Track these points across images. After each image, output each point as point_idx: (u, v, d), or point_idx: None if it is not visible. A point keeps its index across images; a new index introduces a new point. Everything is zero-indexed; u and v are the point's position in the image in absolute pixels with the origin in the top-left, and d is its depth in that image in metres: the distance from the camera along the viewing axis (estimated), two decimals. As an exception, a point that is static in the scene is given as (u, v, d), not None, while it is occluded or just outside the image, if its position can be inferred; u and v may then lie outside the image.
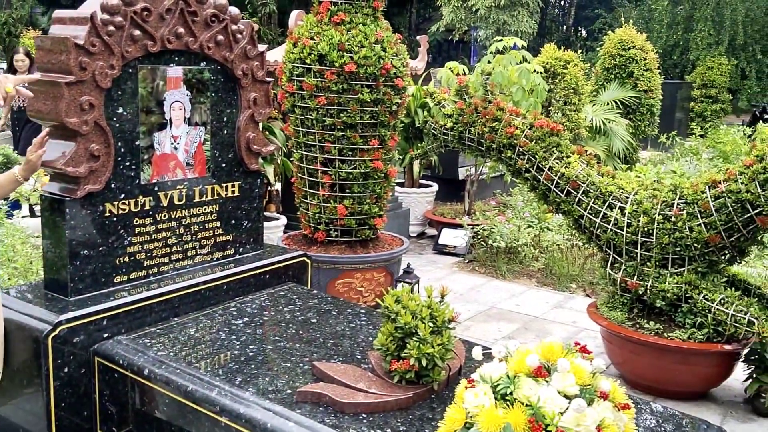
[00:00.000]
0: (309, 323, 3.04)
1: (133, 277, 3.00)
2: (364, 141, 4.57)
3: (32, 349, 2.61)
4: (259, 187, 3.59)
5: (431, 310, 2.50)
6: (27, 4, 25.06)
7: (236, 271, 3.31)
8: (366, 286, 4.72)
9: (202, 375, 2.47)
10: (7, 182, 2.61)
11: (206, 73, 3.21)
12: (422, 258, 6.70)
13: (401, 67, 4.61)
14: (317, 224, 4.77)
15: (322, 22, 4.55)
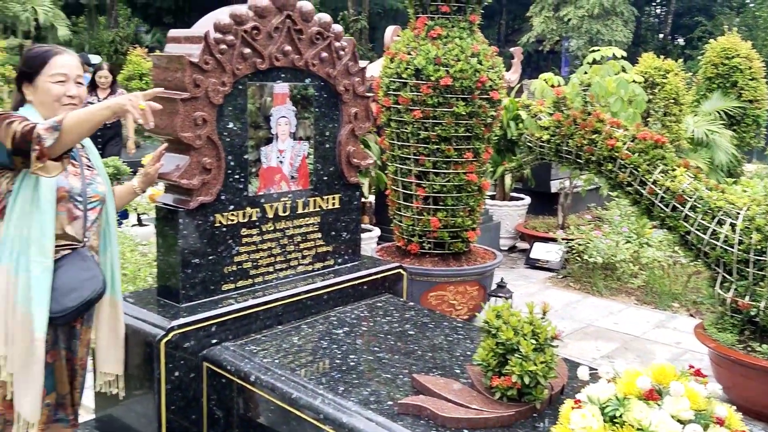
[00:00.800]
0: (407, 335, 3.06)
1: (240, 286, 3.11)
2: (459, 154, 4.57)
3: (146, 353, 2.74)
4: (358, 200, 3.65)
5: (533, 327, 2.46)
6: (132, 24, 26.47)
7: (336, 281, 3.37)
8: (459, 299, 4.71)
9: (306, 383, 2.53)
10: (126, 193, 2.77)
11: (310, 89, 3.30)
12: (514, 272, 6.62)
13: (497, 80, 4.59)
14: (411, 236, 4.80)
15: (418, 37, 4.60)
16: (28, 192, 2.26)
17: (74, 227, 2.39)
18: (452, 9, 4.54)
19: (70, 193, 2.37)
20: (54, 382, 2.40)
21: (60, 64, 2.36)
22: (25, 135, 2.14)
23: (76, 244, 2.40)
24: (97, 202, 2.48)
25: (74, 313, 2.34)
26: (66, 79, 2.36)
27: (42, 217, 2.26)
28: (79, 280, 2.34)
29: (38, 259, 2.25)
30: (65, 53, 2.40)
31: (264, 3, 2.99)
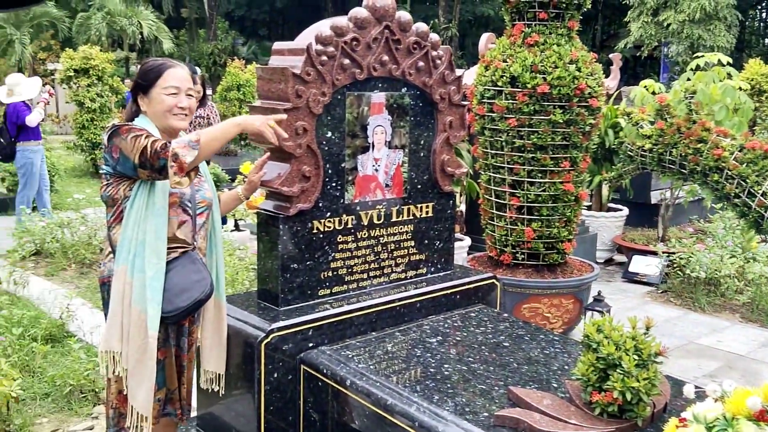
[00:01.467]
0: (501, 347, 3.03)
1: (335, 291, 3.16)
2: (555, 163, 4.49)
3: (246, 354, 2.82)
4: (452, 209, 3.64)
5: (636, 342, 2.39)
6: (230, 36, 27.48)
7: (430, 289, 3.37)
8: (553, 312, 4.61)
9: (401, 390, 2.54)
10: (231, 200, 2.89)
11: (407, 98, 3.32)
12: (611, 286, 6.42)
13: (596, 87, 4.49)
14: (503, 246, 4.74)
15: (515, 45, 4.55)
16: (143, 198, 2.39)
17: (184, 231, 2.51)
18: (550, 15, 4.47)
19: (181, 199, 2.49)
20: (164, 377, 2.52)
21: (172, 76, 2.48)
22: (158, 152, 2.27)
23: (186, 247, 2.51)
24: (205, 207, 2.60)
25: (185, 313, 2.46)
26: (178, 91, 2.48)
27: (156, 221, 2.38)
28: (190, 282, 2.45)
29: (152, 261, 2.37)
30: (177, 66, 2.53)
31: (364, 14, 3.04)
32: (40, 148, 7.79)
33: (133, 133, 2.32)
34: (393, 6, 3.14)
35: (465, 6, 25.56)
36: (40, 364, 4.12)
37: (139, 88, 2.52)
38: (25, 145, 7.59)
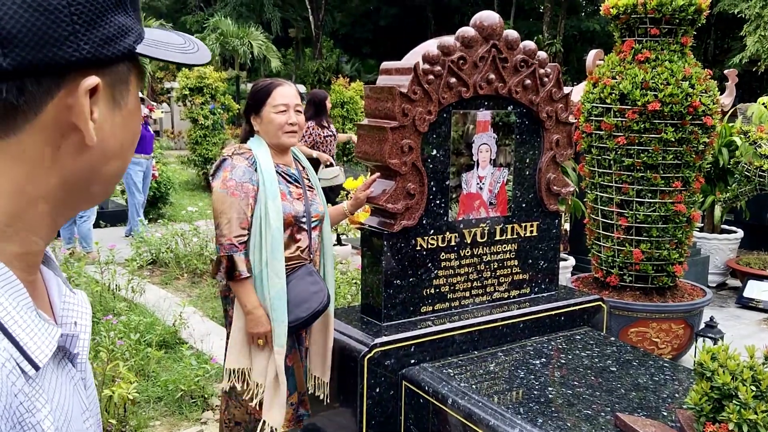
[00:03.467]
0: (608, 371, 2.94)
1: (438, 309, 3.17)
2: (666, 182, 4.33)
3: (349, 368, 2.88)
4: (557, 228, 3.58)
5: (753, 372, 2.27)
6: (334, 54, 28.16)
7: (533, 310, 3.33)
8: (662, 337, 4.43)
9: (504, 411, 2.51)
10: (338, 214, 2.97)
11: (512, 116, 3.31)
12: (723, 311, 6.10)
13: (711, 105, 4.31)
14: (610, 268, 4.61)
15: (624, 61, 4.44)
16: (259, 220, 2.51)
17: (301, 246, 2.61)
18: (662, 31, 4.34)
19: (296, 217, 2.59)
20: (295, 382, 2.64)
21: (281, 94, 2.59)
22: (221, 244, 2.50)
23: (303, 261, 2.62)
24: (318, 221, 2.69)
25: (304, 323, 2.56)
26: (287, 108, 2.59)
27: (273, 242, 2.49)
28: (309, 293, 2.55)
29: (274, 281, 2.50)
30: (285, 84, 2.63)
31: (471, 33, 3.06)
32: (142, 161, 8.12)
33: (223, 203, 2.49)
34: (500, 24, 3.14)
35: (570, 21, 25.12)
36: (153, 368, 4.34)
37: (250, 109, 2.65)
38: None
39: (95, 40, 0.61)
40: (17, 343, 0.60)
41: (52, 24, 0.58)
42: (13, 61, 0.57)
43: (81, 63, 0.61)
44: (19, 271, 0.64)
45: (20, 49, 0.57)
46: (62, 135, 0.63)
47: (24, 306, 0.62)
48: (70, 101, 0.61)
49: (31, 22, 0.57)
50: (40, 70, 0.59)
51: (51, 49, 0.58)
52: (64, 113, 0.62)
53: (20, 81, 0.58)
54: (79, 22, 0.60)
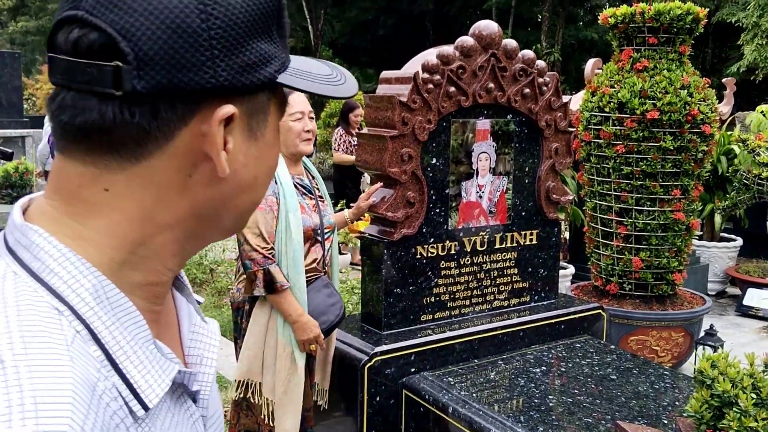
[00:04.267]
0: (609, 379, 2.94)
1: (438, 317, 3.17)
2: (665, 190, 4.34)
3: (350, 376, 2.88)
4: (556, 236, 3.59)
5: (754, 380, 2.27)
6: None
7: (533, 318, 3.33)
8: (662, 345, 4.43)
9: (504, 419, 2.51)
10: (339, 222, 2.97)
11: (512, 125, 3.32)
12: (723, 319, 6.10)
13: (709, 113, 4.32)
14: (609, 276, 4.61)
15: (623, 70, 4.46)
16: (282, 234, 2.51)
17: (316, 257, 2.62)
18: (660, 40, 4.36)
19: (314, 230, 2.60)
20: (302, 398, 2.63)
21: (296, 101, 2.60)
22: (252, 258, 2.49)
23: (319, 273, 2.62)
24: (330, 232, 2.70)
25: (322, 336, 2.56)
26: (302, 116, 2.60)
27: (295, 256, 2.49)
28: (326, 306, 2.55)
29: (296, 295, 2.49)
30: (296, 92, 2.64)
31: (470, 43, 3.08)
32: None
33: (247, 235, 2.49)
34: (499, 34, 3.16)
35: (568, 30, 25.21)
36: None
37: None
38: None
39: (234, 67, 0.58)
40: (127, 379, 0.57)
41: (190, 47, 0.56)
42: (147, 84, 0.55)
43: (217, 90, 0.58)
44: (142, 301, 0.61)
45: (155, 71, 0.55)
46: (194, 163, 0.60)
47: (140, 339, 0.60)
48: (204, 129, 0.59)
49: (168, 44, 0.55)
50: (175, 94, 0.57)
51: (187, 74, 0.56)
52: (198, 141, 0.59)
53: (154, 105, 0.56)
54: (218, 47, 0.57)
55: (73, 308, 0.56)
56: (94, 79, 0.55)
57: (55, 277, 0.57)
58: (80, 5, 0.56)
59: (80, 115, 0.56)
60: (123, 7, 0.55)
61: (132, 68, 0.55)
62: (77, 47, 0.56)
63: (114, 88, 0.55)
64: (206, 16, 0.56)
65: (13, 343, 0.51)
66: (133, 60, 0.55)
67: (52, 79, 0.59)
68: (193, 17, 0.56)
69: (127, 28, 0.55)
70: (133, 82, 0.55)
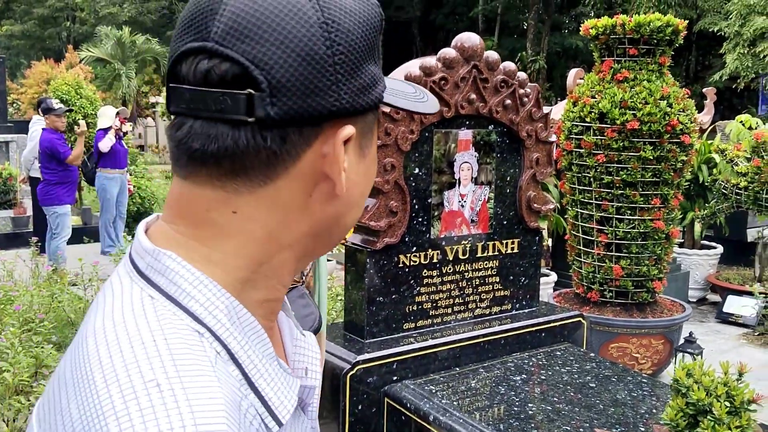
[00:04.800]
0: (588, 387, 2.98)
1: (420, 325, 3.20)
2: (645, 200, 4.41)
3: (333, 385, 2.90)
4: (538, 245, 3.63)
5: (728, 388, 2.32)
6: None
7: (514, 326, 3.37)
8: (642, 352, 4.49)
9: (484, 427, 2.54)
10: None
11: (493, 135, 3.37)
12: (703, 326, 6.18)
13: (688, 123, 4.39)
14: (591, 284, 4.67)
15: (604, 80, 4.53)
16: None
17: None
18: (640, 51, 4.43)
19: None
20: None
21: None
22: None
23: (296, 283, 2.63)
24: None
25: None
26: None
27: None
28: (300, 317, 2.56)
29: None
30: None
31: (452, 54, 3.12)
32: (116, 176, 8.14)
33: None
34: (481, 46, 3.20)
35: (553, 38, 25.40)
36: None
37: None
38: (102, 171, 8.07)
39: (353, 90, 0.61)
40: (262, 397, 0.59)
41: (318, 74, 0.58)
42: (280, 110, 0.57)
43: (340, 113, 0.61)
44: (261, 318, 0.63)
45: (287, 98, 0.58)
46: (315, 183, 0.62)
47: (267, 356, 0.62)
48: (325, 150, 0.61)
49: (299, 71, 0.58)
50: (304, 119, 0.59)
51: (315, 99, 0.59)
52: (319, 162, 0.62)
53: (283, 129, 0.59)
54: (341, 72, 0.60)
55: (212, 330, 0.58)
56: (227, 107, 0.57)
57: (192, 300, 0.59)
58: (209, 37, 0.58)
59: (214, 142, 0.58)
60: (255, 38, 0.57)
61: (266, 95, 0.57)
62: (208, 77, 0.58)
63: (247, 115, 0.57)
64: (330, 43, 0.59)
65: (165, 366, 0.52)
66: (267, 88, 0.57)
67: (173, 108, 0.60)
68: (320, 45, 0.59)
69: (260, 58, 0.57)
70: (267, 109, 0.57)
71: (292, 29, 0.58)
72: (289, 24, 0.58)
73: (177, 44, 0.61)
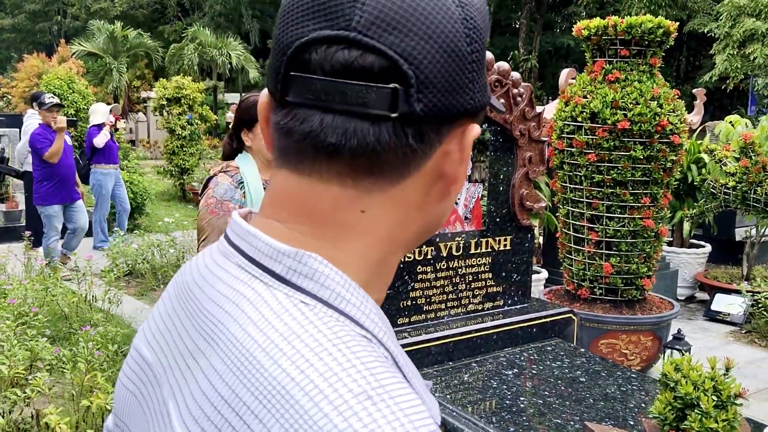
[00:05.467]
0: (578, 382, 3.04)
1: (414, 320, 3.25)
2: (635, 198, 4.47)
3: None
4: (530, 242, 3.69)
5: (715, 383, 2.38)
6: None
7: (506, 322, 3.42)
8: (631, 348, 4.56)
9: (477, 420, 2.60)
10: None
11: (487, 133, 3.42)
12: (692, 324, 6.26)
13: (678, 124, 4.46)
14: (581, 281, 4.73)
15: (595, 81, 4.58)
16: None
17: None
18: (632, 52, 4.49)
19: None
20: None
21: None
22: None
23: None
24: None
25: None
26: None
27: None
28: None
29: None
30: None
31: (447, 54, 3.17)
32: (111, 171, 8.18)
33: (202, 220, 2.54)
34: (476, 46, 3.25)
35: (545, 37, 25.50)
36: (131, 378, 4.35)
37: (243, 124, 2.65)
38: (97, 167, 8.07)
39: (481, 87, 0.60)
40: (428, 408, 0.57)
41: (459, 70, 0.57)
42: (425, 106, 0.55)
43: (471, 111, 0.59)
44: None
45: (432, 94, 0.55)
46: (433, 182, 0.61)
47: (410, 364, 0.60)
48: (449, 148, 0.60)
49: (444, 67, 0.56)
50: (443, 116, 0.57)
51: (455, 96, 0.57)
52: (440, 160, 0.60)
53: (420, 127, 0.56)
54: (475, 69, 0.59)
55: (374, 335, 0.56)
56: (370, 101, 0.54)
57: (349, 305, 0.56)
58: (350, 26, 0.54)
59: (353, 137, 0.55)
60: (403, 30, 0.54)
61: (413, 91, 0.55)
62: (350, 69, 0.54)
63: (390, 110, 0.54)
64: (470, 40, 0.58)
65: (365, 376, 0.50)
66: (415, 83, 0.55)
67: (293, 99, 0.57)
68: (462, 41, 0.57)
69: (408, 52, 0.54)
70: (413, 105, 0.55)
71: (440, 24, 0.55)
72: (437, 18, 0.55)
73: (298, 29, 0.56)
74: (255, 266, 0.58)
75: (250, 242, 0.59)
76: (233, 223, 0.63)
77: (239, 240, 0.61)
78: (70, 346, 4.43)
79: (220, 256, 0.63)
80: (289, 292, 0.56)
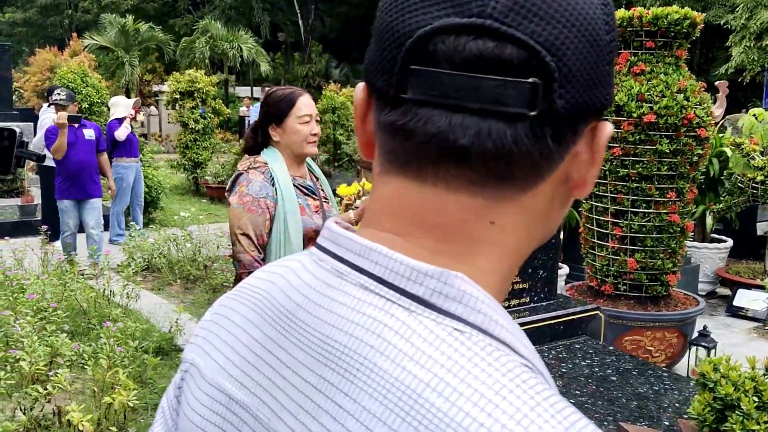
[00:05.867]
0: (609, 381, 2.98)
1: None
2: (660, 193, 4.40)
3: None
4: (556, 238, 3.63)
5: (755, 383, 2.32)
6: (323, 59, 28.20)
7: (533, 319, 3.37)
8: (656, 345, 4.49)
9: (508, 420, 2.54)
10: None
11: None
12: (714, 320, 6.18)
13: (705, 117, 4.38)
14: (605, 277, 4.66)
15: (620, 73, 4.50)
16: (279, 235, 2.50)
17: None
18: (657, 44, 4.41)
19: (317, 231, 2.59)
20: None
21: (305, 105, 2.56)
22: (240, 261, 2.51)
23: None
24: None
25: None
26: (310, 119, 2.57)
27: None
28: None
29: None
30: (305, 94, 2.61)
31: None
32: (132, 164, 8.17)
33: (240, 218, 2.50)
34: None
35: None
36: (150, 375, 4.33)
37: (272, 119, 2.58)
38: (119, 161, 8.04)
39: (612, 82, 0.53)
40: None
41: (600, 62, 0.50)
42: (567, 103, 0.48)
43: (605, 107, 0.52)
44: None
45: (575, 89, 0.49)
46: (558, 186, 0.54)
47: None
48: (578, 149, 0.52)
49: (587, 59, 0.49)
50: (583, 114, 0.50)
51: (594, 91, 0.50)
52: (567, 163, 0.52)
53: (558, 126, 0.49)
54: (611, 62, 0.52)
55: (532, 363, 0.50)
56: (508, 97, 0.47)
57: (503, 330, 0.50)
58: (484, 12, 0.47)
59: (486, 139, 0.48)
60: (545, 17, 0.48)
61: (556, 85, 0.48)
62: (486, 61, 0.47)
63: (529, 108, 0.47)
64: (609, 28, 0.51)
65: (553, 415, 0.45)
66: (558, 77, 0.48)
67: (413, 95, 0.49)
68: (602, 28, 0.50)
69: (551, 41, 0.47)
70: (555, 101, 0.48)
71: (582, 9, 0.49)
72: (579, 3, 0.49)
73: (419, 17, 0.49)
74: (387, 288, 0.51)
75: (376, 261, 0.52)
76: (337, 235, 0.55)
77: (356, 257, 0.53)
78: (89, 341, 4.40)
79: (328, 274, 0.55)
80: (438, 318, 0.49)
